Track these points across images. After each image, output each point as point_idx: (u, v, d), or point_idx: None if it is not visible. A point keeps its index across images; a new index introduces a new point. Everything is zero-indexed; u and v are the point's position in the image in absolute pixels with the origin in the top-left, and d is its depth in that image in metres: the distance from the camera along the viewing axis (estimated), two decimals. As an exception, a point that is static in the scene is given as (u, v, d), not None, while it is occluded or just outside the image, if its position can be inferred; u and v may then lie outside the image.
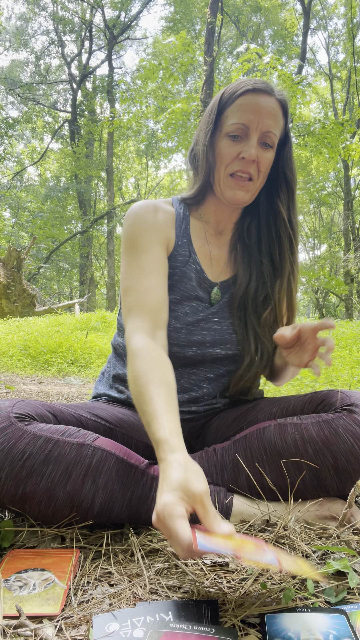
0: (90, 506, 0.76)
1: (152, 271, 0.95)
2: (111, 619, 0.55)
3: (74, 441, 0.78)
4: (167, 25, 17.40)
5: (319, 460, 0.81)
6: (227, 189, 0.98)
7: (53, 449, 0.76)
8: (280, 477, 0.84)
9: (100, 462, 0.78)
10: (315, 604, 0.61)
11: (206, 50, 7.91)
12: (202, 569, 0.69)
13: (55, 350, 5.27)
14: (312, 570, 0.56)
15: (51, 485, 0.74)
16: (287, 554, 0.59)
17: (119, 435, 0.97)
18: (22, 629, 0.55)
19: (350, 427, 0.81)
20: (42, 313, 9.03)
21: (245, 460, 0.88)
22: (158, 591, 0.63)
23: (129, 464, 0.81)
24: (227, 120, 0.96)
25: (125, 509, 0.79)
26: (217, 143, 0.98)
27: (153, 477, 0.82)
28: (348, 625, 0.55)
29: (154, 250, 0.98)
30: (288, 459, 0.84)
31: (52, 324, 6.92)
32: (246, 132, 0.94)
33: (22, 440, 0.75)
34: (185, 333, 1.01)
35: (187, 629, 0.53)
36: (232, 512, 0.84)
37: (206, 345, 1.02)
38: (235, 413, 1.04)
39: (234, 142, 0.95)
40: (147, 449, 1.01)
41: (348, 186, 14.84)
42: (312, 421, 0.85)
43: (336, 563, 0.67)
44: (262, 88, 0.94)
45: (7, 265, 8.78)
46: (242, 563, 0.69)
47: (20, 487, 0.74)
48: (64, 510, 0.76)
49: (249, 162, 0.94)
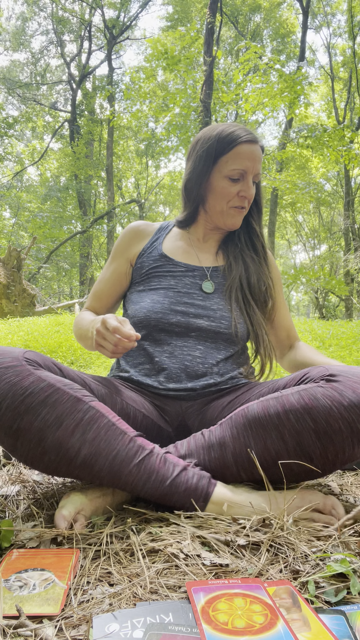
0: (75, 455, 0.81)
1: (100, 281, 1.33)
2: (111, 619, 0.55)
3: (72, 394, 0.85)
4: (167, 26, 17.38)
5: (300, 426, 0.84)
6: (229, 218, 1.23)
7: (52, 394, 0.82)
8: (265, 450, 0.87)
9: (92, 419, 0.84)
10: (315, 603, 0.61)
11: (206, 50, 7.90)
12: (202, 569, 0.69)
13: (55, 350, 5.27)
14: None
15: (44, 427, 0.80)
16: (302, 622, 0.56)
17: (118, 401, 1.05)
18: (22, 629, 0.55)
19: (328, 392, 0.84)
20: (42, 313, 9.03)
21: (231, 437, 0.91)
22: (158, 591, 0.63)
23: (118, 428, 0.86)
24: (226, 165, 1.18)
25: (107, 467, 0.82)
26: (215, 182, 1.21)
27: (140, 445, 0.86)
28: (347, 625, 0.55)
29: (112, 264, 1.31)
30: (272, 431, 0.86)
31: (52, 324, 6.92)
32: (244, 175, 1.19)
33: (28, 379, 0.82)
34: (168, 304, 1.16)
35: (186, 632, 0.53)
36: (212, 498, 0.86)
37: (189, 315, 1.16)
38: (231, 397, 1.10)
39: (233, 183, 1.19)
40: (145, 419, 1.09)
41: (348, 186, 14.84)
42: (291, 391, 0.89)
43: (337, 565, 0.67)
44: (253, 139, 1.18)
45: (7, 265, 8.77)
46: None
47: (17, 420, 0.80)
48: (51, 454, 0.81)
49: (247, 199, 1.21)
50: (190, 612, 0.57)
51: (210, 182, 1.21)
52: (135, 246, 1.30)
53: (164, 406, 1.14)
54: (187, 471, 0.87)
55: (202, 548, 0.75)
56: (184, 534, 0.79)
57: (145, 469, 0.84)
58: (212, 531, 0.80)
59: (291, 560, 0.71)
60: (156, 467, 0.85)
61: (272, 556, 0.74)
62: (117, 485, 0.85)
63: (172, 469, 0.86)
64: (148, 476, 0.84)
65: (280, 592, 0.62)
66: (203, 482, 0.86)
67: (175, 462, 0.87)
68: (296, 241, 22.90)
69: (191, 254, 1.27)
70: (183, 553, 0.73)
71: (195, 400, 1.14)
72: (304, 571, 0.68)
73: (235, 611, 0.57)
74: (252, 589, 0.62)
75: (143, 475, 0.84)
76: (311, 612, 0.57)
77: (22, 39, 19.01)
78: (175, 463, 0.87)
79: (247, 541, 0.76)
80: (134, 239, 1.31)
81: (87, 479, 0.85)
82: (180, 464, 0.88)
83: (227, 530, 0.80)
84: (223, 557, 0.73)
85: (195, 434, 0.99)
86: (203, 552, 0.74)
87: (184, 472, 0.86)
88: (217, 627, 0.54)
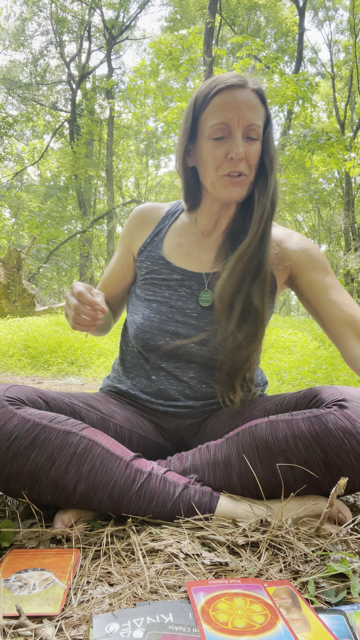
0: (72, 492, 0.79)
1: (108, 269, 1.23)
2: (111, 619, 0.55)
3: (61, 428, 0.80)
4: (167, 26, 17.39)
5: (309, 456, 0.81)
6: (221, 189, 0.98)
7: (40, 434, 0.78)
8: (272, 474, 0.84)
9: (85, 451, 0.80)
10: (315, 603, 0.61)
11: (205, 50, 7.91)
12: (202, 569, 0.69)
13: (55, 350, 5.27)
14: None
15: (35, 469, 0.77)
16: (303, 623, 0.56)
17: (112, 425, 0.99)
18: (22, 629, 0.55)
19: (340, 422, 0.80)
20: (42, 313, 9.03)
21: (237, 457, 0.88)
22: (158, 591, 0.63)
23: (113, 455, 0.83)
24: (206, 124, 0.95)
25: (107, 499, 0.80)
26: (201, 148, 0.98)
27: (137, 470, 0.83)
28: (347, 625, 0.55)
29: (118, 252, 1.21)
30: (279, 456, 0.83)
31: (52, 324, 6.91)
32: (229, 130, 0.94)
33: (11, 422, 0.78)
34: (158, 321, 1.04)
35: (186, 632, 0.53)
36: (216, 513, 0.84)
37: (180, 336, 1.03)
38: (232, 411, 1.04)
39: (218, 144, 0.95)
40: (141, 439, 1.03)
41: (348, 186, 14.83)
42: (302, 417, 0.85)
43: (337, 565, 0.67)
44: (235, 83, 0.93)
45: (7, 265, 8.77)
46: None
47: (6, 467, 0.76)
48: (47, 494, 0.78)
49: (238, 161, 0.94)
50: (190, 612, 0.57)
51: (197, 149, 1.00)
52: (138, 236, 1.16)
53: (162, 423, 1.09)
54: (189, 489, 0.85)
55: (201, 548, 0.75)
56: (184, 534, 0.79)
57: (146, 495, 0.81)
58: (211, 531, 0.80)
59: (291, 560, 0.71)
60: (156, 490, 0.82)
61: (272, 556, 0.74)
62: (119, 513, 0.82)
63: (173, 489, 0.83)
64: (149, 502, 0.82)
65: (280, 592, 0.62)
66: (205, 499, 0.84)
67: (176, 482, 0.85)
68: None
69: (192, 255, 1.10)
70: (183, 553, 0.73)
71: (196, 418, 1.09)
72: (304, 571, 0.68)
73: (235, 611, 0.57)
74: (252, 588, 0.62)
75: (144, 502, 0.81)
76: (311, 612, 0.57)
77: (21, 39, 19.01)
78: (176, 483, 0.85)
79: (246, 541, 0.76)
80: (138, 226, 1.17)
81: (88, 510, 0.83)
82: (181, 482, 0.85)
83: (226, 531, 0.80)
84: (223, 556, 0.73)
85: (201, 447, 0.95)
86: (203, 552, 0.74)
87: (185, 491, 0.84)
88: (217, 627, 0.54)
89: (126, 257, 1.19)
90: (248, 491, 0.87)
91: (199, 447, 0.96)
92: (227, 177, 0.96)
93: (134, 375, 1.12)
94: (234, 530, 0.80)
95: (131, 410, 1.07)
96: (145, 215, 1.17)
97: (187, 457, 0.94)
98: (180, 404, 1.06)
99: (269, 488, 0.85)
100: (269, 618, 0.56)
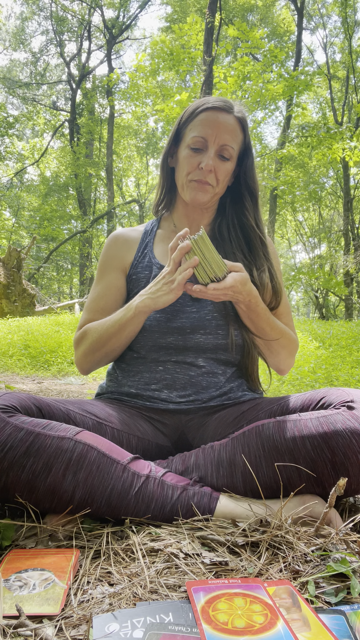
0: (70, 499, 0.79)
1: (102, 297, 1.18)
2: (111, 619, 0.55)
3: (54, 435, 0.80)
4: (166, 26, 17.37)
5: (316, 455, 0.82)
6: (188, 191, 1.12)
7: (34, 442, 0.78)
8: (277, 473, 0.85)
9: (81, 456, 0.80)
10: (315, 603, 0.61)
11: (205, 49, 7.90)
12: (202, 569, 0.69)
13: (55, 350, 5.27)
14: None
15: (32, 478, 0.77)
16: (302, 623, 0.56)
17: (108, 429, 0.99)
18: (22, 629, 0.55)
19: (349, 422, 0.82)
20: (42, 313, 9.03)
21: (242, 456, 0.88)
22: (158, 591, 0.63)
23: (110, 458, 0.83)
24: (189, 133, 1.10)
25: (105, 504, 0.80)
26: (180, 153, 1.12)
27: (134, 473, 0.83)
28: (347, 625, 0.55)
29: (107, 277, 1.19)
30: (285, 455, 0.84)
31: (52, 324, 6.92)
32: (205, 144, 1.08)
33: (4, 432, 0.78)
34: (164, 320, 1.09)
35: (186, 632, 0.53)
36: (216, 512, 0.84)
37: (186, 332, 1.09)
38: (236, 412, 1.05)
39: (194, 154, 1.09)
40: (140, 442, 1.03)
41: (347, 186, 14.83)
42: (310, 417, 0.86)
43: (337, 565, 0.67)
44: (220, 106, 1.07)
45: (7, 265, 8.77)
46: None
47: (2, 478, 0.76)
48: (45, 502, 0.79)
49: (207, 172, 1.08)
50: (190, 611, 0.57)
51: (178, 154, 1.14)
52: (126, 255, 1.20)
53: (163, 420, 1.10)
54: (187, 491, 0.85)
55: (201, 548, 0.75)
56: (184, 534, 0.79)
57: (144, 499, 0.82)
58: (211, 531, 0.80)
59: (291, 559, 0.71)
60: (154, 494, 0.82)
61: (272, 556, 0.74)
62: (118, 517, 0.82)
63: (171, 492, 0.83)
64: (147, 505, 0.82)
65: (280, 592, 0.62)
66: (204, 500, 0.84)
67: (174, 485, 0.85)
68: (296, 240, 22.91)
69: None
70: (183, 552, 0.73)
71: (197, 414, 1.09)
72: (304, 571, 0.68)
73: (235, 611, 0.57)
74: (252, 588, 0.62)
75: (142, 506, 0.82)
76: (311, 612, 0.57)
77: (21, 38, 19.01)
78: (174, 485, 0.85)
79: (246, 541, 0.76)
80: (122, 247, 1.21)
81: (87, 516, 0.83)
82: (179, 484, 0.85)
83: (226, 531, 0.80)
84: (222, 556, 0.73)
85: (205, 446, 0.96)
86: (203, 552, 0.74)
87: (183, 494, 0.84)
88: (217, 627, 0.54)
89: (118, 279, 1.19)
90: (251, 490, 0.87)
91: (203, 446, 0.96)
92: (195, 182, 1.10)
93: (135, 372, 1.13)
94: (234, 530, 0.80)
95: (128, 414, 1.07)
96: (126, 237, 1.23)
97: (190, 456, 0.95)
98: (183, 400, 1.08)
99: (273, 487, 0.86)
100: (269, 618, 0.56)
